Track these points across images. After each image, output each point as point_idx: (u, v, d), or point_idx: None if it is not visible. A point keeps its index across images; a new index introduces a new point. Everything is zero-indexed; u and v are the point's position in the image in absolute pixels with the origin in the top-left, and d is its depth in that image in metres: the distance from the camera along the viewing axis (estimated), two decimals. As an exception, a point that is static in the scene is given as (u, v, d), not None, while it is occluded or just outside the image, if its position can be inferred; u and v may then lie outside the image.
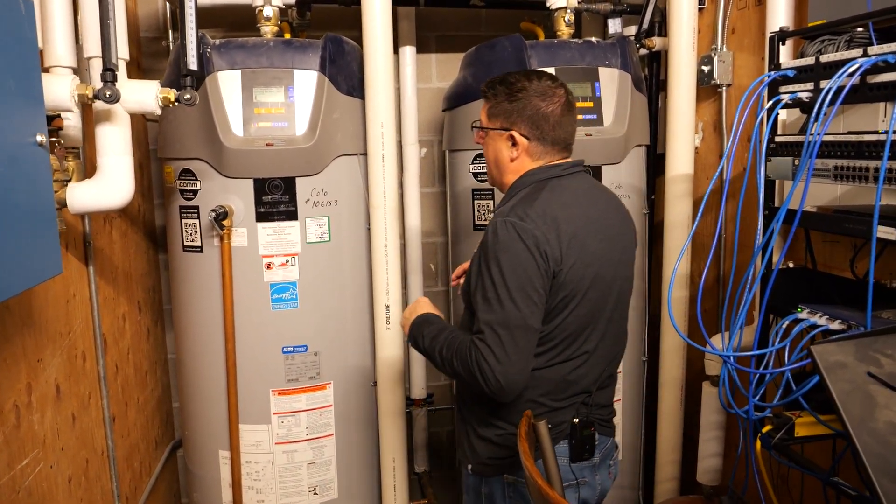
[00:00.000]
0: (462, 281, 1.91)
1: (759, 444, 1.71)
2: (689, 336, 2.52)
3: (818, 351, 1.25)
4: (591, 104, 2.39)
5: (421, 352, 1.70)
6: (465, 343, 1.54)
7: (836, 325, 1.63)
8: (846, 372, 1.22)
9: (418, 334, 1.69)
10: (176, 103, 1.78)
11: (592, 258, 1.57)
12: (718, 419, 2.47)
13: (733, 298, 1.74)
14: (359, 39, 2.30)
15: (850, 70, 1.47)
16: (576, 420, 1.65)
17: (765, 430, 1.70)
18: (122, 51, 1.75)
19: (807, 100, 1.67)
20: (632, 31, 2.72)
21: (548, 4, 2.53)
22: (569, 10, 2.51)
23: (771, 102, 1.73)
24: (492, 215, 1.67)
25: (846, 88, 1.48)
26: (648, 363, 2.71)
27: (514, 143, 1.65)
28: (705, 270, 1.88)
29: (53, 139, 1.70)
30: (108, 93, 1.60)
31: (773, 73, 1.77)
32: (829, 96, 1.50)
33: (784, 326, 1.73)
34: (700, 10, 2.57)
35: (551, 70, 2.35)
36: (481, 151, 1.90)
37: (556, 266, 1.52)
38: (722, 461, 2.53)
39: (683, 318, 2.55)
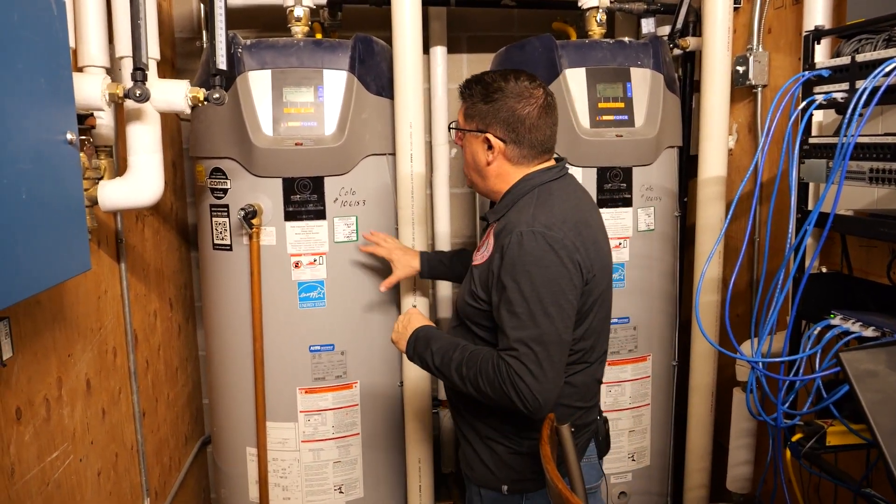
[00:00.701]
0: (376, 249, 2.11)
1: (788, 452, 1.67)
2: (720, 341, 2.47)
3: (848, 358, 1.21)
4: (622, 105, 2.36)
5: (429, 369, 1.61)
6: (489, 360, 1.47)
7: (869, 332, 1.58)
8: (877, 381, 1.18)
9: (424, 350, 1.60)
10: (205, 102, 1.80)
11: (607, 260, 1.58)
12: (749, 426, 2.42)
13: (763, 303, 1.70)
14: (390, 40, 2.30)
15: (887, 70, 1.43)
16: (598, 417, 1.68)
17: (794, 438, 1.66)
18: (152, 51, 1.78)
19: (842, 100, 1.63)
20: (665, 30, 2.68)
21: (579, 4, 2.50)
22: (601, 10, 2.47)
23: (804, 103, 1.69)
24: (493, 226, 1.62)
25: (882, 89, 1.44)
26: (679, 368, 2.66)
27: (490, 147, 1.59)
28: (734, 274, 1.84)
29: (84, 137, 1.73)
30: (137, 92, 1.62)
31: (807, 72, 1.73)
32: (864, 97, 1.46)
33: (815, 332, 1.69)
34: (735, 9, 2.52)
35: (582, 70, 2.32)
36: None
37: (589, 274, 1.49)
38: (753, 469, 2.48)
39: (714, 323, 2.50)
